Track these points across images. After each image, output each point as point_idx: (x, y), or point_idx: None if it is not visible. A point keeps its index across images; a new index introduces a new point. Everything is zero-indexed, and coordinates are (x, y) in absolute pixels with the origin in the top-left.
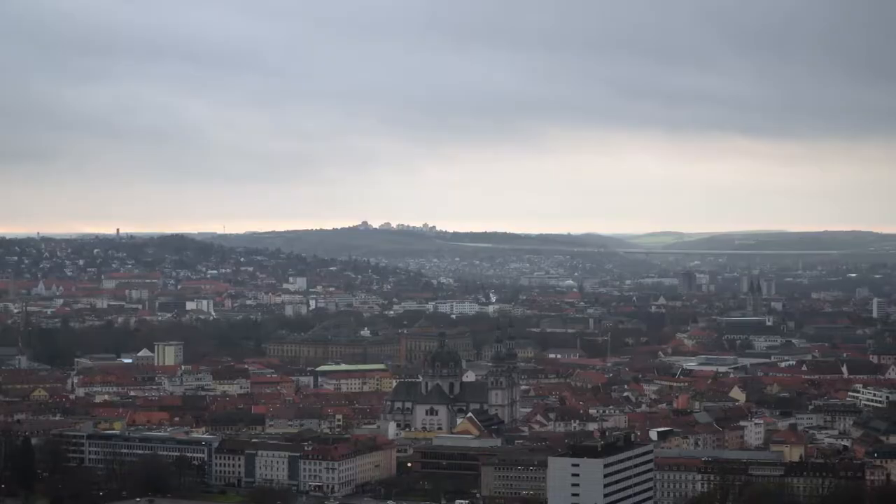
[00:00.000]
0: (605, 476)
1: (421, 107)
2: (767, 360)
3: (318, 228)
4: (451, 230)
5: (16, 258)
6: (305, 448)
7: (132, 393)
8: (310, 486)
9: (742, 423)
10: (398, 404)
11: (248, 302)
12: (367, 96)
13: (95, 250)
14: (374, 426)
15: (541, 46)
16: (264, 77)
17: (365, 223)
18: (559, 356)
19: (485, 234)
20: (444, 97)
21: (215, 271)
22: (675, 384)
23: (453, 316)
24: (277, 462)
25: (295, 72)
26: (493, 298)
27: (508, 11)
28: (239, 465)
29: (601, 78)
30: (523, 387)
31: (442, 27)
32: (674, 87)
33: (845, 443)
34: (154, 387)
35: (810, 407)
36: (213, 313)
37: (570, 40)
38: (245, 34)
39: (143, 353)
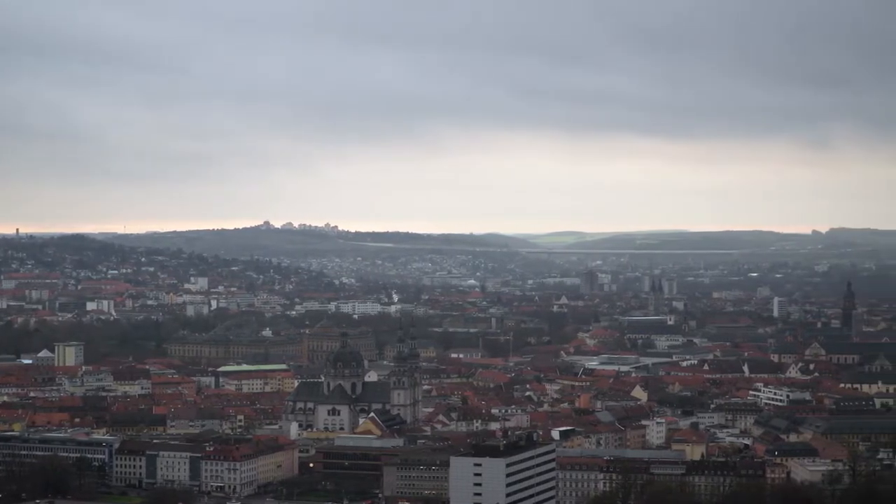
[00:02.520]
0: (508, 476)
1: (318, 107)
2: (669, 360)
3: (219, 228)
4: (353, 230)
5: None
6: (207, 449)
7: (32, 394)
8: (211, 486)
9: (644, 423)
10: (300, 404)
11: (150, 302)
12: (264, 96)
13: None
14: (276, 426)
15: (437, 46)
16: (160, 76)
17: (267, 223)
18: (461, 356)
19: (387, 233)
20: (342, 97)
21: (116, 271)
22: (577, 383)
23: (355, 316)
24: (179, 463)
25: (191, 71)
26: (396, 298)
27: (404, 11)
28: (140, 466)
29: (497, 78)
30: (425, 386)
31: (338, 27)
32: (571, 87)
33: (746, 441)
34: (54, 388)
35: (711, 406)
36: (113, 313)
37: (467, 40)
38: (140, 33)
39: (44, 353)
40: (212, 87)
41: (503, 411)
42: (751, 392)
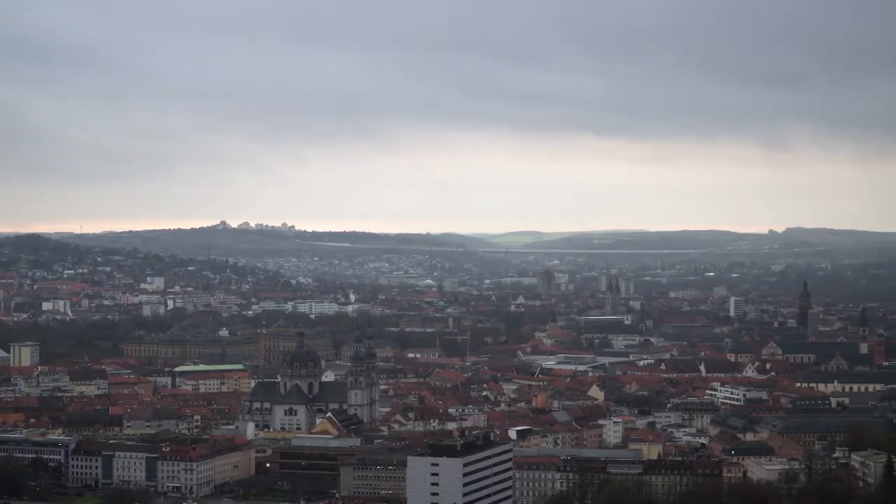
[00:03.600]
0: (465, 475)
1: (274, 106)
2: (626, 359)
3: (176, 228)
4: (309, 230)
5: None
6: (163, 449)
7: None
8: (168, 486)
9: (601, 422)
10: (257, 404)
11: (106, 302)
12: (220, 95)
13: None
14: (233, 426)
15: (390, 46)
16: (115, 76)
17: (223, 223)
18: (418, 356)
19: (343, 233)
20: (297, 96)
21: (72, 271)
22: (533, 383)
23: (312, 316)
24: (135, 463)
25: (145, 70)
26: (353, 298)
27: (359, 10)
28: (96, 467)
29: (451, 77)
30: (382, 386)
31: (293, 26)
32: (525, 87)
33: (703, 441)
34: (10, 388)
35: (668, 405)
36: (69, 313)
37: (420, 40)
38: (94, 33)
39: None
40: (167, 87)
41: (460, 411)
42: (707, 391)
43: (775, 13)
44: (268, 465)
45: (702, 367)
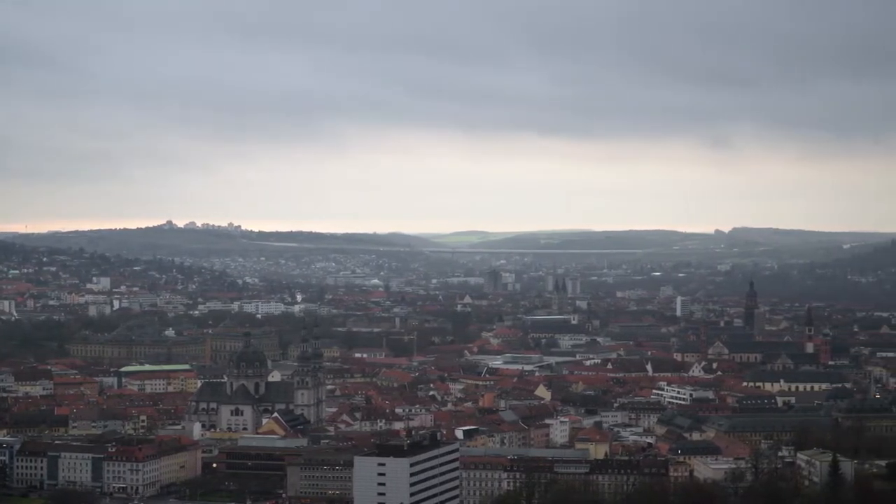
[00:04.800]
0: (412, 475)
1: (220, 106)
2: (573, 359)
3: (122, 228)
4: (256, 230)
5: None
6: (109, 449)
7: None
8: (114, 487)
9: (547, 422)
10: (203, 405)
11: (51, 302)
12: (166, 95)
13: None
14: (179, 427)
15: (337, 45)
16: (60, 75)
17: (169, 222)
18: (365, 355)
19: (290, 233)
20: (243, 96)
21: (17, 271)
22: (480, 383)
23: (259, 315)
24: (81, 464)
25: (91, 70)
26: (299, 298)
27: (304, 10)
28: (41, 468)
29: (398, 77)
30: (329, 386)
31: (238, 26)
32: (472, 87)
33: (649, 440)
34: None
35: (615, 405)
36: (14, 314)
37: (366, 39)
38: (39, 32)
39: None
40: (113, 86)
41: (407, 411)
42: (654, 391)
43: (721, 13)
44: (214, 465)
45: (648, 367)
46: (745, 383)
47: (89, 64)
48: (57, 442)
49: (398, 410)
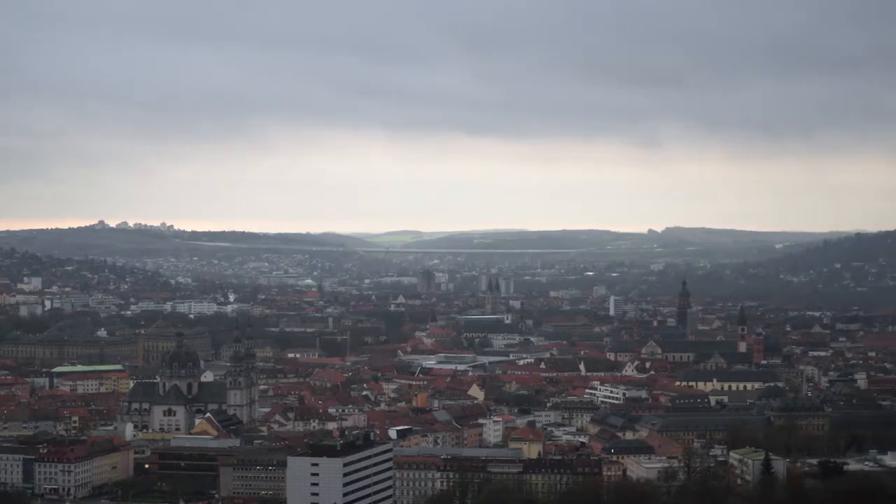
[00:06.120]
0: (345, 475)
1: (147, 105)
2: (506, 359)
3: (53, 228)
4: (188, 230)
5: None
6: (41, 450)
7: None
8: (45, 489)
9: (481, 421)
10: (135, 405)
11: None
12: (92, 94)
13: None
14: (112, 427)
15: (263, 45)
16: None
17: (101, 222)
18: (298, 355)
19: (223, 233)
20: (169, 95)
21: None
22: (414, 383)
23: (191, 316)
24: (12, 465)
25: (17, 68)
26: (232, 298)
27: (227, 9)
28: None
29: (324, 76)
30: (262, 386)
31: (166, 24)
32: (399, 87)
33: (583, 439)
34: None
35: (548, 404)
36: None
37: (291, 38)
38: None
39: None
40: (41, 85)
41: (340, 411)
42: (587, 390)
43: (651, 13)
44: (147, 465)
45: (581, 366)
46: (678, 383)
47: (17, 63)
48: None
49: (331, 410)
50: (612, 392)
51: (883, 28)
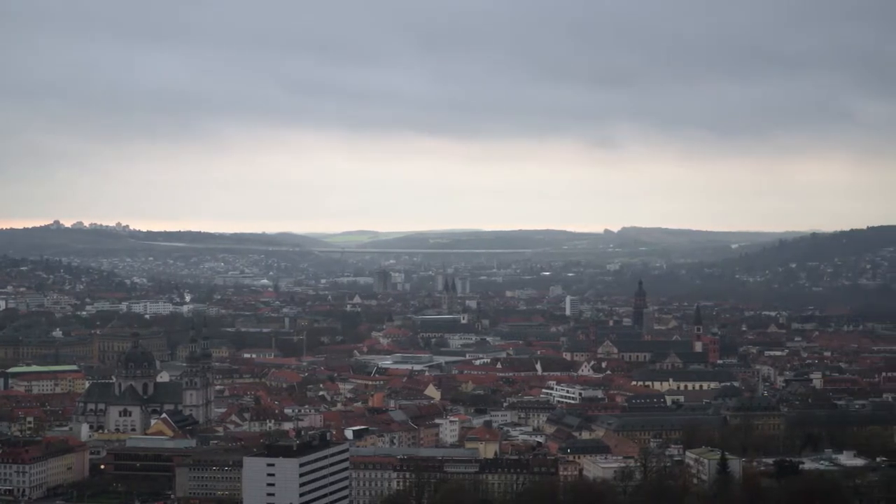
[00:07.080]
0: (301, 476)
1: (100, 104)
2: (462, 358)
3: (7, 228)
4: (144, 229)
5: None
6: None
7: None
8: (0, 490)
9: (437, 421)
10: (91, 405)
11: None
12: (45, 92)
13: None
14: (67, 428)
15: (218, 44)
16: None
17: (56, 222)
18: (254, 356)
19: (178, 233)
20: (126, 95)
21: None
22: (370, 383)
23: (147, 316)
24: None
25: None
26: (188, 298)
27: (180, 8)
28: None
29: (279, 76)
30: (218, 387)
31: (121, 24)
32: (355, 86)
33: (539, 439)
34: None
35: (505, 404)
36: None
37: (243, 37)
38: None
39: None
40: None
41: (296, 411)
42: (543, 390)
43: (604, 14)
44: (102, 466)
45: (538, 366)
46: (634, 382)
47: None
48: None
49: (287, 411)
50: (568, 392)
51: (837, 28)
